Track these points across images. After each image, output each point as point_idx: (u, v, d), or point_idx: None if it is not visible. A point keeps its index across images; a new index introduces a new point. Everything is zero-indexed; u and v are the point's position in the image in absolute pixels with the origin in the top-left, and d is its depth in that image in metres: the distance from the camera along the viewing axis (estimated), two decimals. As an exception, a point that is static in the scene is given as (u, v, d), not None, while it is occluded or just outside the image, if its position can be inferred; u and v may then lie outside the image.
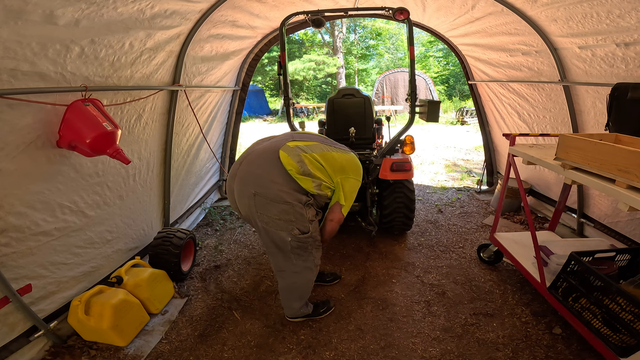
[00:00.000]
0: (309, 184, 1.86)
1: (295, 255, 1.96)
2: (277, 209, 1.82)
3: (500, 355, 1.97)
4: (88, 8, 1.71)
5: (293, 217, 1.85)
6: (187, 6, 2.44)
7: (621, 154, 1.52)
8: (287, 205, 1.82)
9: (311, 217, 1.93)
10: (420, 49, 18.94)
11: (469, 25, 3.49)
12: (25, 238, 1.76)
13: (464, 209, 4.17)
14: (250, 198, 1.84)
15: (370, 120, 3.41)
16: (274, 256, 2.00)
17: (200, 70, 3.23)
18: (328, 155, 1.95)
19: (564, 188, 2.69)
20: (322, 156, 1.93)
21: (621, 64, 2.27)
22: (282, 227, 1.86)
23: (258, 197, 1.82)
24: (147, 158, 2.74)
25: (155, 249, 2.59)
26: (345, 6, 3.59)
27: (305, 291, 2.16)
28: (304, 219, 1.88)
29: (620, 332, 1.64)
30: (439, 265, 2.93)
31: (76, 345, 2.01)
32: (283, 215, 1.83)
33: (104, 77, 2.06)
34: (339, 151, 2.02)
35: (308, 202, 1.91)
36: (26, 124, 1.64)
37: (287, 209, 1.83)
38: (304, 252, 1.98)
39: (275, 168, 1.84)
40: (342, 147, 2.09)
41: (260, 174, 1.84)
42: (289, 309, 2.22)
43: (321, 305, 2.34)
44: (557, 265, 2.11)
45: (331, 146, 2.03)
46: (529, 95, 3.47)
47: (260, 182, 1.83)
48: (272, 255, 2.01)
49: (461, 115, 12.33)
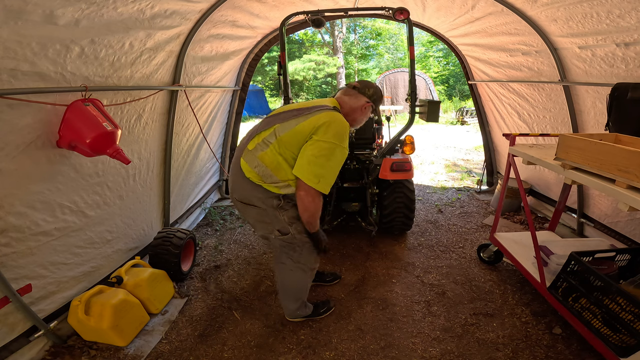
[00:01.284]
0: (272, 188, 1.72)
1: (285, 254, 1.95)
2: (253, 212, 1.82)
3: (500, 355, 1.97)
4: (88, 8, 1.71)
5: (268, 219, 1.81)
6: (187, 6, 2.44)
7: (621, 154, 1.52)
8: (260, 209, 1.79)
9: (289, 220, 1.80)
10: (420, 49, 18.95)
11: (469, 25, 3.49)
12: (25, 238, 1.75)
13: (464, 209, 4.17)
14: (235, 203, 1.88)
15: (370, 120, 3.40)
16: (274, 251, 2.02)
17: (200, 70, 3.23)
18: (297, 130, 1.64)
19: (564, 188, 2.69)
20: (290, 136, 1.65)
21: (621, 64, 2.27)
22: (263, 228, 1.87)
23: (237, 203, 1.86)
24: (147, 158, 2.74)
25: (155, 249, 2.59)
26: (345, 6, 3.59)
27: (298, 292, 2.13)
28: (280, 221, 1.80)
29: (620, 332, 1.64)
30: (439, 265, 2.93)
31: (76, 345, 2.01)
32: (259, 217, 1.83)
33: (104, 77, 2.06)
34: (311, 115, 1.66)
35: (280, 206, 1.77)
36: (26, 124, 1.64)
37: (261, 212, 1.80)
38: (293, 252, 1.93)
39: (241, 175, 1.78)
40: (320, 108, 1.73)
41: (234, 180, 1.84)
42: (286, 309, 2.22)
43: (321, 305, 2.34)
44: (557, 265, 2.11)
45: (303, 115, 1.69)
46: (529, 95, 3.47)
47: (236, 188, 1.83)
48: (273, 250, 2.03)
49: (461, 115, 12.33)
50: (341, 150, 1.63)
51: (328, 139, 1.60)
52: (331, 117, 1.65)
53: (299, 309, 2.19)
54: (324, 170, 1.61)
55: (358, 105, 1.86)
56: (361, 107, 1.86)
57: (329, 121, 1.63)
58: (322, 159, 1.59)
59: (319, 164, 1.59)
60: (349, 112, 1.86)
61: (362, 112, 1.88)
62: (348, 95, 1.89)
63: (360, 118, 1.90)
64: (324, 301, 2.38)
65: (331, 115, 1.67)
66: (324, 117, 1.64)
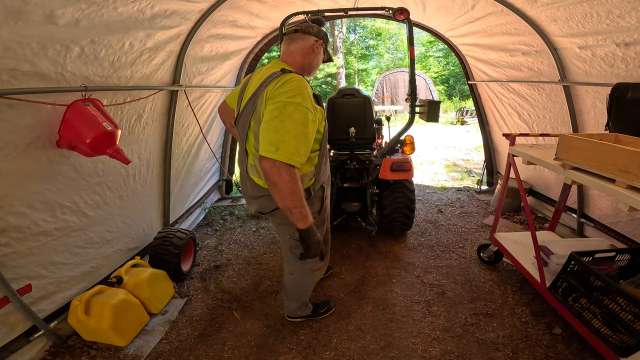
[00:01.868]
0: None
1: (293, 255, 1.91)
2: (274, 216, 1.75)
3: (500, 355, 1.97)
4: (88, 8, 1.71)
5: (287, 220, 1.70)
6: (187, 6, 2.44)
7: (621, 154, 1.52)
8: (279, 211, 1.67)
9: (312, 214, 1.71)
10: (420, 49, 18.94)
11: (469, 25, 3.48)
12: (25, 238, 1.76)
13: (464, 209, 4.17)
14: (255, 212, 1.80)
15: (370, 120, 3.40)
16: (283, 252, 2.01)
17: (200, 70, 3.23)
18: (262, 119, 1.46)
19: (564, 188, 2.69)
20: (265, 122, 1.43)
21: (621, 64, 2.26)
22: (284, 231, 1.82)
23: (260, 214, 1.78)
24: (147, 158, 2.74)
25: (155, 249, 2.59)
26: (345, 6, 3.59)
27: (300, 293, 2.14)
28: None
29: (620, 332, 1.64)
30: (439, 265, 2.93)
31: (76, 345, 2.01)
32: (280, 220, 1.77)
33: (104, 77, 2.06)
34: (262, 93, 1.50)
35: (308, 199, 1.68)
36: (26, 124, 1.64)
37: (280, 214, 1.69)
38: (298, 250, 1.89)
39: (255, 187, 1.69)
40: (266, 81, 1.53)
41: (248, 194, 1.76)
42: (287, 309, 2.23)
43: (321, 305, 2.34)
44: (557, 265, 2.11)
45: (257, 100, 1.51)
46: (529, 95, 3.47)
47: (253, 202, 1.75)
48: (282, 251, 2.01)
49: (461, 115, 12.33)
50: (296, 107, 1.36)
51: (276, 99, 1.38)
52: (276, 80, 1.44)
53: (299, 308, 2.20)
54: (280, 134, 1.34)
55: (308, 47, 1.66)
56: (312, 48, 1.67)
57: (274, 83, 1.43)
58: (274, 122, 1.35)
59: (272, 129, 1.35)
60: (301, 60, 1.66)
61: (314, 53, 1.68)
62: (294, 41, 1.67)
63: (314, 62, 1.70)
64: (324, 301, 2.38)
65: (277, 78, 1.45)
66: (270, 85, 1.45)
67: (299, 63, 1.64)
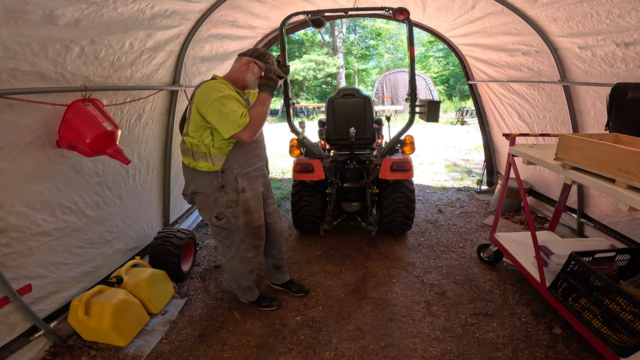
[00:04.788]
0: (203, 164, 1.92)
1: (218, 241, 2.22)
2: (199, 199, 2.04)
3: (500, 355, 1.97)
4: (88, 8, 1.71)
5: (208, 205, 2.03)
6: (187, 6, 2.44)
7: (621, 154, 1.52)
8: (203, 195, 2.00)
9: (227, 203, 1.99)
10: (420, 49, 18.93)
11: (469, 25, 3.48)
12: (25, 238, 1.76)
13: (464, 209, 4.17)
14: (187, 199, 2.13)
15: (370, 120, 3.40)
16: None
17: (200, 70, 3.23)
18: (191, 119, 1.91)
19: (564, 188, 2.69)
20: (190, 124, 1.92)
21: (621, 64, 2.26)
22: (205, 215, 2.11)
23: (186, 198, 2.10)
24: (147, 158, 2.74)
25: (155, 249, 2.59)
26: (345, 6, 3.59)
27: (234, 276, 2.30)
28: (219, 205, 2.00)
29: (620, 332, 1.64)
30: (439, 265, 2.93)
31: (76, 345, 2.01)
32: (203, 205, 2.06)
33: (104, 77, 2.06)
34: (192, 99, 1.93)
35: (222, 186, 1.96)
36: (26, 124, 1.64)
37: (204, 198, 2.01)
38: (226, 240, 2.16)
39: (185, 169, 2.04)
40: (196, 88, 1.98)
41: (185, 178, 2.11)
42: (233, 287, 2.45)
43: (266, 299, 2.45)
44: (557, 265, 2.11)
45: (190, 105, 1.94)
46: (529, 95, 3.47)
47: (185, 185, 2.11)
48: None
49: (461, 115, 12.33)
50: (223, 97, 1.82)
51: (207, 104, 1.81)
52: (198, 90, 1.88)
53: (238, 290, 2.40)
54: (228, 117, 1.80)
55: (241, 64, 2.03)
56: (245, 64, 2.02)
57: (197, 93, 1.87)
58: (220, 116, 1.81)
59: (222, 118, 1.80)
60: (236, 75, 2.04)
61: (247, 68, 2.02)
62: (234, 62, 2.08)
63: (247, 76, 2.03)
64: (270, 297, 2.48)
65: (199, 89, 1.89)
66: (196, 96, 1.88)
67: (235, 77, 2.04)
